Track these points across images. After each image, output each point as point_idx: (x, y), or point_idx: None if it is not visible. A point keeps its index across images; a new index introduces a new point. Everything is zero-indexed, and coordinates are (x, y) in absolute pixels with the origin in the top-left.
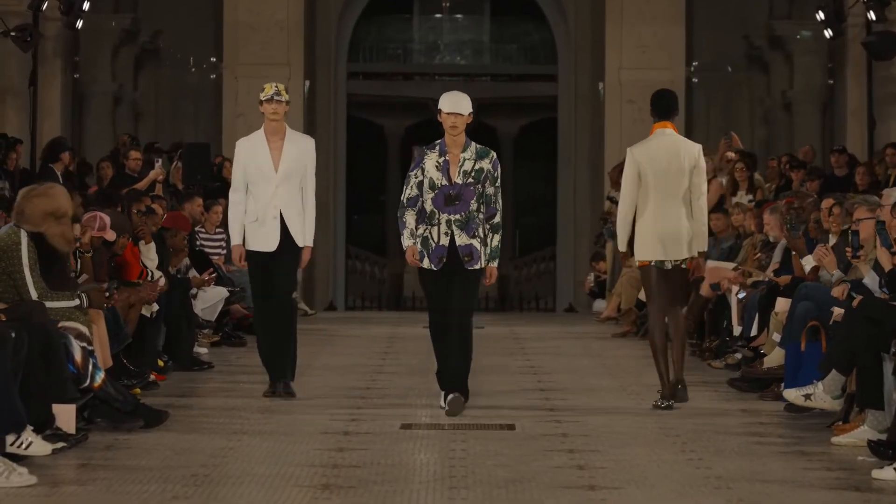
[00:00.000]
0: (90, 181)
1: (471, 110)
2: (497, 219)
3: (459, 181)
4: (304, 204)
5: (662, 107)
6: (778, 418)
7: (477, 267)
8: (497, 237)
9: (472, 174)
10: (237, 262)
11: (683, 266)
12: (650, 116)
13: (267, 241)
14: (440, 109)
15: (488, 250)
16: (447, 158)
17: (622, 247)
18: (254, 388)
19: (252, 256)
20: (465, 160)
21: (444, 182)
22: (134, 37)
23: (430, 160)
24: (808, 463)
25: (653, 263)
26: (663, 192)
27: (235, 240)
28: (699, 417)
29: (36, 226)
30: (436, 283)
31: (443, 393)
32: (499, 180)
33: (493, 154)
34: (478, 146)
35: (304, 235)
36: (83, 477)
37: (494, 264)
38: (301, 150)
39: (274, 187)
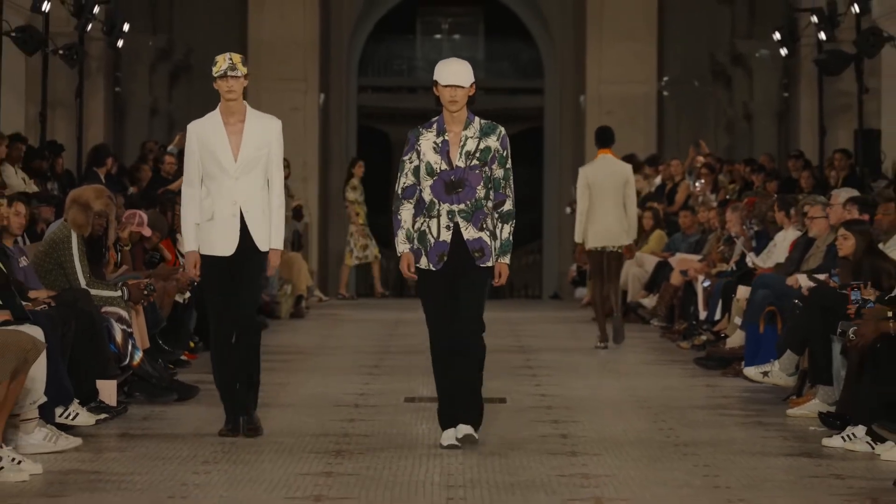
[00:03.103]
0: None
1: (472, 80)
2: (507, 206)
3: (462, 164)
4: (271, 200)
5: (603, 139)
6: (739, 393)
7: (488, 264)
8: (508, 228)
9: (477, 155)
10: (191, 271)
11: (619, 251)
12: (595, 145)
13: (223, 244)
14: (436, 81)
15: (498, 244)
16: (446, 138)
17: (578, 238)
18: (274, 366)
19: (206, 263)
20: (467, 139)
21: (444, 166)
22: (168, 55)
23: (427, 141)
24: (765, 432)
25: (598, 249)
26: (604, 200)
27: (189, 245)
28: (669, 392)
29: (65, 212)
30: (436, 290)
31: (444, 431)
32: (509, 161)
33: (502, 129)
34: (483, 121)
35: (268, 237)
36: (123, 444)
37: (505, 259)
38: (264, 133)
39: (233, 179)
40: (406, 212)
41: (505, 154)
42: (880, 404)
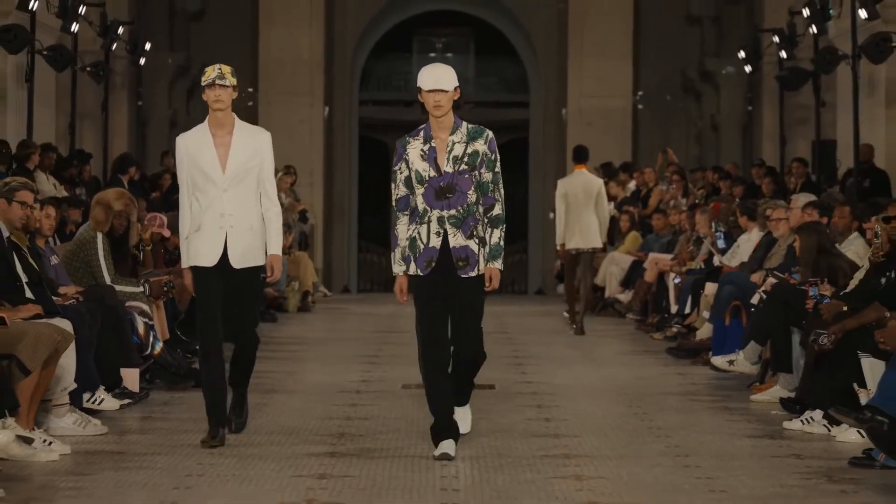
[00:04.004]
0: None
1: (456, 84)
2: (497, 210)
3: (449, 170)
4: (268, 210)
5: (579, 156)
6: (707, 380)
7: (472, 274)
8: (498, 233)
9: (465, 160)
10: (190, 286)
11: (592, 252)
12: (572, 160)
13: (207, 255)
14: (419, 87)
15: (487, 249)
16: (433, 145)
17: (560, 241)
18: (283, 356)
19: (195, 273)
20: (454, 144)
21: (433, 173)
22: (186, 71)
23: (414, 149)
24: (731, 416)
25: (573, 251)
26: (580, 208)
27: (185, 261)
28: (643, 380)
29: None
30: (426, 295)
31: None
32: (498, 164)
33: (489, 133)
34: (470, 126)
35: (254, 251)
36: (145, 427)
37: (496, 265)
38: (254, 145)
39: (221, 191)
40: (402, 227)
41: (493, 157)
42: (836, 391)
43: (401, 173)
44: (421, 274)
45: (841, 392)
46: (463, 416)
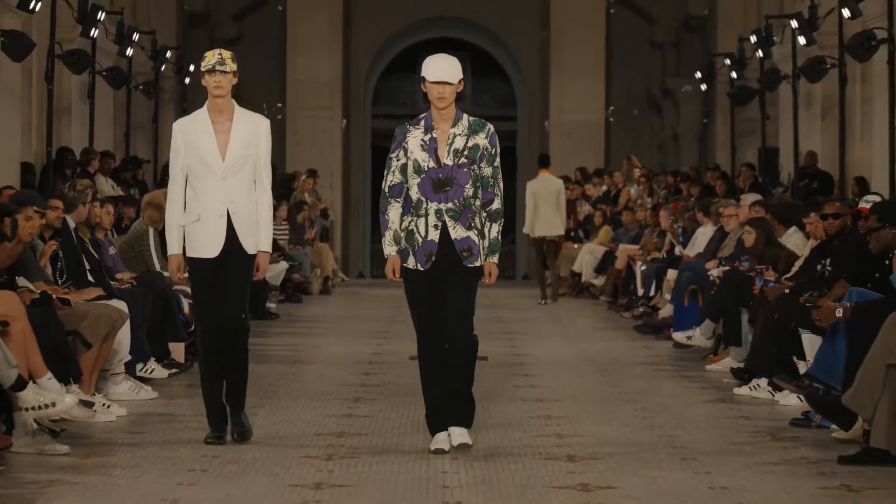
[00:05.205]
0: None
1: (461, 77)
2: (496, 205)
3: (450, 162)
4: (260, 200)
5: (543, 162)
6: (668, 353)
7: (476, 264)
8: (496, 227)
9: (465, 153)
10: (175, 274)
11: (555, 239)
12: (538, 165)
13: (208, 246)
14: (423, 78)
15: (486, 243)
16: (434, 136)
17: (527, 230)
18: (308, 331)
19: (193, 265)
20: (455, 136)
21: (432, 164)
22: None
23: (414, 138)
24: (689, 384)
25: (540, 237)
26: (544, 204)
27: (172, 247)
28: (614, 352)
29: (142, 212)
30: (424, 290)
31: (434, 436)
32: (498, 159)
33: (490, 127)
34: (471, 119)
35: (255, 240)
36: (190, 392)
37: (494, 259)
38: (252, 132)
39: (220, 179)
40: (394, 211)
41: (494, 152)
42: (779, 362)
43: (397, 160)
44: (421, 269)
45: (783, 363)
46: (460, 434)
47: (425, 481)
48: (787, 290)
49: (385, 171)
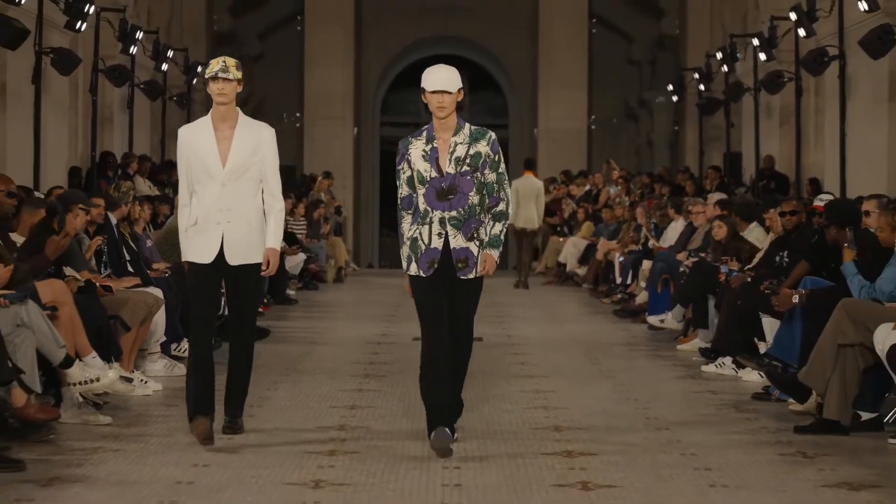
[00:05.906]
0: None
1: (460, 85)
2: (501, 207)
3: (452, 171)
4: (271, 205)
5: (528, 165)
6: (643, 334)
7: (471, 276)
8: (500, 226)
9: (468, 161)
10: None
11: (533, 231)
12: (523, 167)
13: (203, 251)
14: (423, 88)
15: (487, 238)
16: (435, 145)
17: (510, 220)
18: (323, 315)
19: (190, 268)
20: (456, 145)
21: (434, 174)
22: (245, 100)
23: (416, 149)
24: (663, 362)
25: (521, 229)
26: (526, 201)
27: (184, 254)
28: (596, 334)
29: (176, 208)
30: (428, 296)
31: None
32: (502, 164)
33: (492, 135)
34: (472, 127)
35: (251, 248)
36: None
37: (492, 252)
38: (256, 141)
39: (220, 186)
40: (406, 224)
41: (496, 158)
42: (742, 343)
43: (403, 173)
44: (423, 275)
45: (746, 343)
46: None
47: (429, 452)
48: (749, 279)
49: (397, 184)
